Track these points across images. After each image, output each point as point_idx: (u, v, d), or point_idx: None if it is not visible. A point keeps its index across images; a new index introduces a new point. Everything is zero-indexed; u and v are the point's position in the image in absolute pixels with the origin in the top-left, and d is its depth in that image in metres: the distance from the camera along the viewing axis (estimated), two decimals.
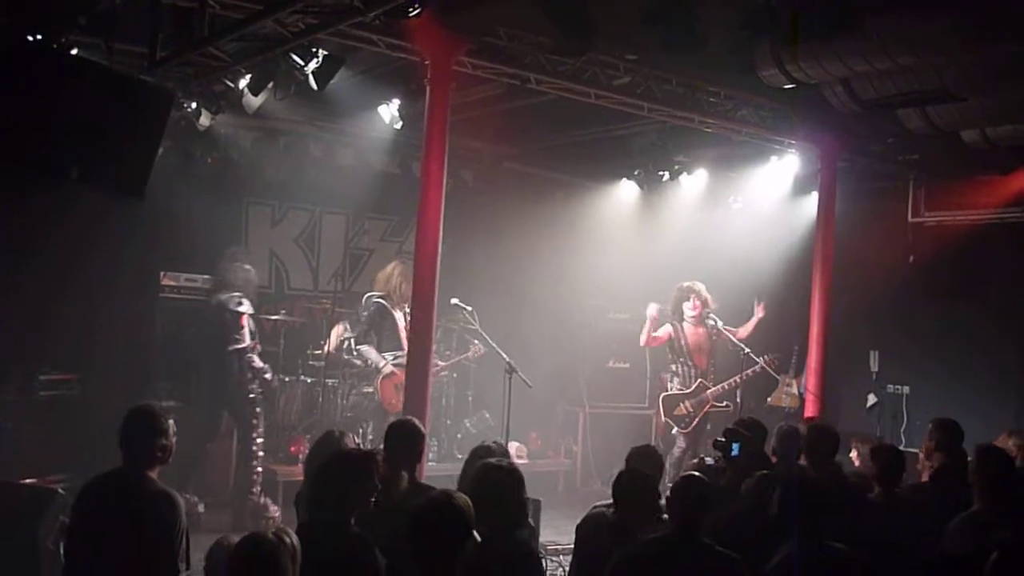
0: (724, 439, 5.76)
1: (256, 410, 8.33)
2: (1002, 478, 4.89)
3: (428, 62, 6.93)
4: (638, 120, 8.97)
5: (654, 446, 6.83)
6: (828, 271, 9.05)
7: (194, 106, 8.09)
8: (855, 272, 9.59)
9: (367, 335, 9.17)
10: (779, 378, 9.88)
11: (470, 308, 8.26)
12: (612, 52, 7.57)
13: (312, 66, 6.87)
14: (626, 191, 11.04)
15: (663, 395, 9.24)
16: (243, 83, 7.48)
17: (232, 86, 7.73)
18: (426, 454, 6.12)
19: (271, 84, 7.31)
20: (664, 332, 9.23)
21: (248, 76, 7.39)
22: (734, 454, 5.64)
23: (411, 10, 5.76)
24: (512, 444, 8.33)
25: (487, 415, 9.78)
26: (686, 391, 9.07)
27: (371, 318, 9.13)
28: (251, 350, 8.34)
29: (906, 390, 9.97)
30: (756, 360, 8.90)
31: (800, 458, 5.81)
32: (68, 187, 6.26)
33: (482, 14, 6.77)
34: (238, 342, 8.23)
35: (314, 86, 7.00)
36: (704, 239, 10.69)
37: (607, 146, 10.43)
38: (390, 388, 8.80)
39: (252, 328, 8.41)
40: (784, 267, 10.09)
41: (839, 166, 9.29)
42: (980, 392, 8.74)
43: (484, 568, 3.78)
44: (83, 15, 6.14)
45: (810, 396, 9.00)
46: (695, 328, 9.19)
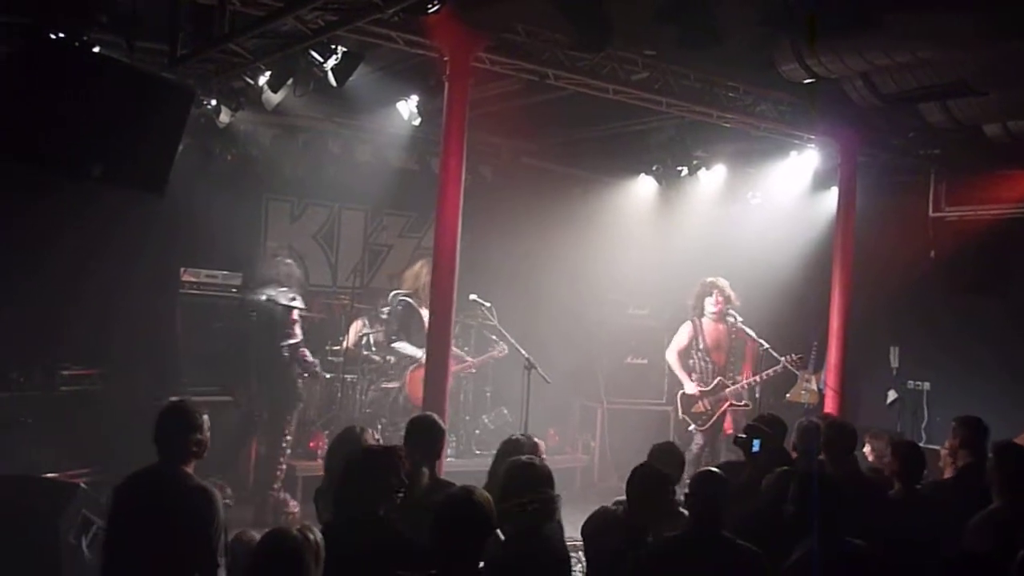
0: (745, 435, 5.76)
1: (300, 405, 8.41)
2: (1021, 475, 4.86)
3: (447, 58, 6.92)
4: (656, 115, 8.94)
5: (675, 443, 6.81)
6: (848, 267, 8.98)
7: (214, 103, 8.13)
8: (875, 268, 9.50)
9: (398, 333, 9.20)
10: (798, 374, 9.77)
11: (489, 304, 8.27)
12: (630, 48, 7.55)
13: (331, 63, 6.89)
14: (644, 187, 11.03)
15: (681, 392, 9.19)
16: (262, 80, 7.49)
17: (252, 83, 7.77)
18: (445, 450, 6.12)
19: (290, 81, 7.31)
20: (686, 333, 9.20)
21: (268, 73, 7.40)
22: (755, 450, 5.64)
23: (430, 7, 5.77)
24: None
25: (505, 411, 9.78)
26: (704, 388, 9.04)
27: (399, 316, 9.16)
28: (303, 344, 8.39)
29: (926, 386, 9.87)
30: (778, 359, 8.80)
31: (819, 454, 5.81)
32: (88, 184, 6.29)
33: (500, 10, 6.78)
34: (290, 337, 8.30)
35: (333, 83, 7.03)
36: (723, 235, 10.67)
37: (625, 141, 10.41)
38: (417, 381, 8.79)
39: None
40: (803, 263, 10.04)
41: (859, 161, 9.19)
42: (1001, 388, 8.65)
43: (511, 568, 3.77)
44: (104, 13, 6.18)
45: (829, 392, 8.91)
46: (715, 324, 9.14)
